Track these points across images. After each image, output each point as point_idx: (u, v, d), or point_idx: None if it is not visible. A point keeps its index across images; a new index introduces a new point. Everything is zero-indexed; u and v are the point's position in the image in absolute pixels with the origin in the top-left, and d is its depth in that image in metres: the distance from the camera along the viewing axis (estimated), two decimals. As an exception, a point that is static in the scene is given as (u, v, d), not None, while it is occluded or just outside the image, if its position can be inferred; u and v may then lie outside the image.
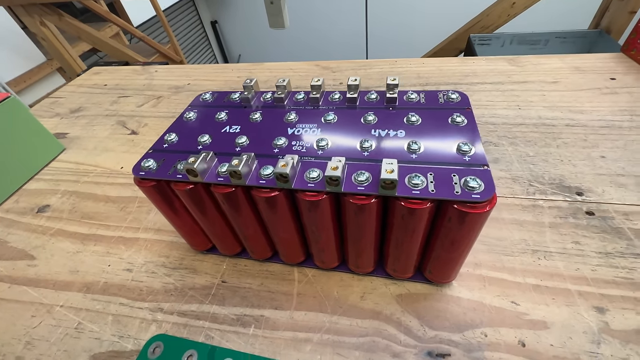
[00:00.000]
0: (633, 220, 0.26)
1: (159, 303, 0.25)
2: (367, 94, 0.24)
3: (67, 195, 0.36)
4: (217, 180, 0.19)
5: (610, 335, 0.20)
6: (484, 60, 0.48)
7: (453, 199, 0.16)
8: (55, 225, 0.33)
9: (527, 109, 0.38)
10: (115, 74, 0.62)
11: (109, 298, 0.26)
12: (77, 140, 0.45)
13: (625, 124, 0.34)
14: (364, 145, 0.19)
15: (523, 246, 0.25)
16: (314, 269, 0.26)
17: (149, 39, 1.73)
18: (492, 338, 0.21)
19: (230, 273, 0.27)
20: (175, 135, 0.23)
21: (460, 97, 0.22)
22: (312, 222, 0.20)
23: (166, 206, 0.23)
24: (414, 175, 0.17)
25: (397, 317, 0.22)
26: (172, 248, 0.29)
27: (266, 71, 0.55)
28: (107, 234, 0.31)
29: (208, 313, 0.24)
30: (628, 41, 0.44)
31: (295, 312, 0.23)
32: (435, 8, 1.84)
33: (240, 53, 3.20)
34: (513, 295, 0.22)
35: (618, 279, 0.22)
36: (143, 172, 0.20)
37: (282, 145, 0.21)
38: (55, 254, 0.30)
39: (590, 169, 0.30)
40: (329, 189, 0.17)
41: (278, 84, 0.25)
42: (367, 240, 0.20)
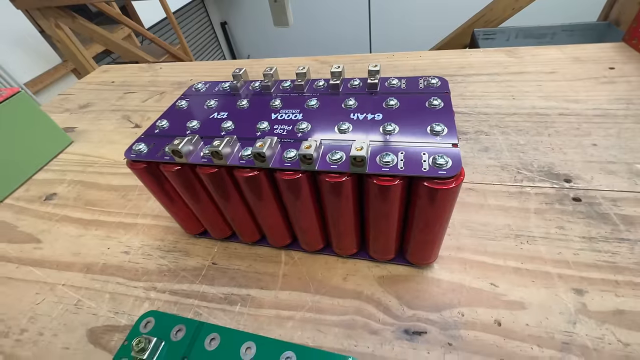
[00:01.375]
0: (621, 206, 0.25)
1: (153, 283, 0.26)
2: (350, 81, 0.25)
3: (72, 184, 0.38)
4: (201, 161, 0.20)
5: (586, 316, 0.20)
6: (482, 52, 0.48)
7: (420, 175, 0.17)
8: (60, 211, 0.35)
9: (521, 99, 0.38)
10: (123, 71, 0.64)
11: (106, 278, 0.27)
12: (84, 134, 0.47)
13: (621, 112, 0.34)
14: (341, 128, 0.20)
15: (506, 231, 0.25)
16: (300, 252, 0.27)
17: (159, 40, 1.78)
18: (469, 317, 0.21)
19: (221, 255, 0.28)
20: (167, 122, 0.24)
21: (440, 82, 0.23)
22: (292, 203, 0.21)
23: (158, 189, 0.24)
24: (384, 154, 0.17)
25: (377, 297, 0.23)
26: (168, 232, 0.30)
27: (265, 66, 0.56)
28: (108, 219, 0.33)
29: (198, 292, 0.25)
30: (630, 30, 0.43)
31: (280, 292, 0.24)
32: (440, 2, 1.83)
33: (249, 54, 3.24)
34: (493, 277, 0.23)
35: (600, 263, 0.22)
36: (134, 155, 0.22)
37: (264, 129, 0.22)
38: (60, 237, 0.32)
39: (581, 156, 0.30)
40: (303, 167, 0.18)
41: (265, 73, 0.26)
42: (346, 220, 0.21)
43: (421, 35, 1.34)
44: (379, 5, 1.62)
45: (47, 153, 0.43)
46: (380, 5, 1.69)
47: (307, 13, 2.36)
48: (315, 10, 2.32)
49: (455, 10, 1.20)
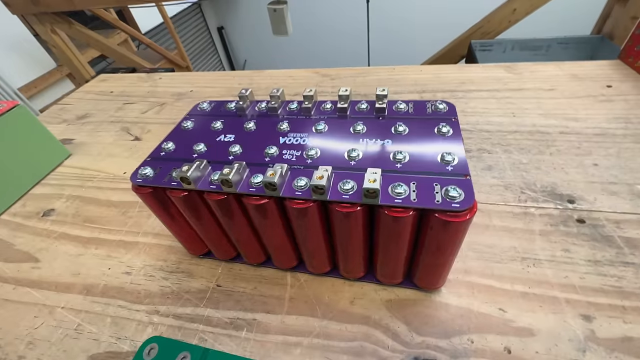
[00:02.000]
0: (624, 228, 0.26)
1: (156, 306, 0.26)
2: (358, 104, 0.25)
3: (71, 200, 0.38)
4: (210, 188, 0.20)
5: (595, 343, 0.20)
6: (481, 67, 0.48)
7: (434, 207, 0.16)
8: (59, 228, 0.34)
9: (522, 116, 0.38)
10: (122, 81, 0.64)
11: (108, 300, 0.27)
12: (82, 146, 0.47)
13: (620, 131, 0.34)
14: (351, 155, 0.20)
15: (512, 253, 0.25)
16: (306, 274, 0.26)
17: (156, 45, 1.77)
18: (479, 344, 0.21)
19: (225, 277, 0.27)
20: (172, 144, 0.24)
21: (447, 107, 0.23)
22: (301, 229, 0.21)
23: (163, 212, 0.24)
24: (397, 185, 0.17)
25: (385, 323, 0.23)
26: (170, 252, 0.30)
27: (267, 78, 0.56)
28: (108, 237, 0.32)
29: (202, 316, 0.25)
30: (625, 48, 0.44)
31: (287, 317, 0.24)
32: (437, 14, 1.86)
33: (246, 59, 3.24)
34: (501, 302, 0.23)
35: (606, 287, 0.22)
36: (140, 180, 0.21)
37: (273, 154, 0.21)
38: (58, 257, 0.31)
39: (583, 176, 0.30)
40: (315, 197, 0.18)
41: (272, 94, 0.26)
42: (355, 246, 0.21)
43: (420, 45, 1.36)
44: (377, 15, 1.65)
45: (44, 166, 0.42)
46: (379, 15, 1.71)
47: (305, 22, 2.38)
48: (314, 19, 2.34)
49: (453, 21, 1.22)
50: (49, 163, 0.43)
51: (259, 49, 3.09)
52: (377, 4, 1.55)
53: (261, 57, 3.15)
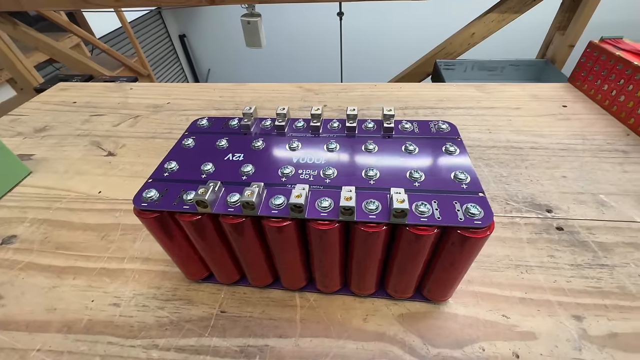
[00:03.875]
0: (595, 234, 0.29)
1: (153, 339, 0.24)
2: (365, 123, 0.25)
3: (36, 224, 0.33)
4: (227, 211, 0.19)
5: (588, 341, 0.22)
6: (455, 86, 0.52)
7: (457, 225, 0.17)
8: (24, 258, 0.30)
9: (496, 132, 0.42)
10: (85, 90, 0.59)
11: (95, 337, 0.24)
12: (45, 163, 0.42)
13: (579, 146, 0.39)
14: (369, 174, 0.21)
15: (507, 262, 0.27)
16: (315, 294, 0.26)
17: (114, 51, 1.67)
18: (490, 352, 0.22)
19: (229, 302, 0.26)
20: (176, 164, 0.23)
21: (449, 127, 0.25)
22: (321, 250, 0.21)
23: (166, 236, 0.22)
24: (420, 203, 0.18)
25: (400, 337, 0.23)
26: (164, 278, 0.28)
27: (249, 91, 0.56)
28: (87, 265, 0.29)
29: (208, 347, 0.23)
30: (573, 74, 0.51)
31: (301, 339, 0.23)
32: (405, 34, 2.01)
33: (209, 68, 3.16)
34: (503, 308, 0.24)
35: (589, 289, 0.25)
36: (145, 204, 0.20)
37: (289, 174, 0.21)
38: (27, 291, 0.28)
39: (555, 187, 0.34)
40: (342, 217, 0.18)
41: (278, 112, 0.26)
42: (373, 264, 0.21)
43: (388, 62, 1.44)
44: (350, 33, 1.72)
45: (0, 186, 0.37)
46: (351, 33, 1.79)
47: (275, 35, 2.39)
48: (285, 32, 2.36)
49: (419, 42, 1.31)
50: (5, 182, 0.38)
51: (223, 58, 3.03)
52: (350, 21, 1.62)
53: (226, 67, 3.09)
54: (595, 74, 0.47)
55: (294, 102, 0.51)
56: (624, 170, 0.35)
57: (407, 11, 1.97)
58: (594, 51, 0.47)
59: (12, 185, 0.38)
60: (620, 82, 0.42)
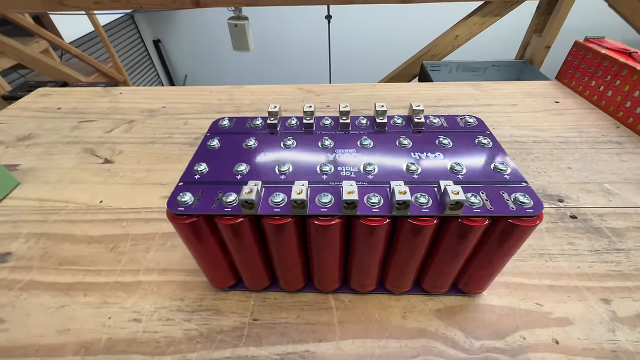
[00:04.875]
0: (607, 220, 0.30)
1: (184, 354, 0.22)
2: (393, 119, 0.25)
3: (33, 239, 0.31)
4: (274, 212, 0.18)
5: (620, 322, 0.23)
6: (453, 85, 0.54)
7: (510, 214, 0.18)
8: (23, 276, 0.28)
9: (499, 128, 0.43)
10: (70, 96, 0.55)
11: (118, 357, 0.22)
12: (33, 173, 0.39)
13: (577, 139, 0.41)
14: (411, 168, 0.20)
15: (531, 251, 0.28)
16: (349, 294, 0.25)
17: (87, 56, 1.59)
18: (530, 340, 0.22)
19: (261, 309, 0.25)
20: (206, 165, 0.21)
21: (477, 121, 0.25)
22: (365, 248, 0.20)
23: (199, 242, 0.21)
24: (470, 195, 0.18)
25: (442, 332, 0.23)
26: (186, 289, 0.26)
27: (247, 93, 0.54)
28: (98, 280, 0.27)
29: (246, 357, 0.22)
30: (561, 72, 0.54)
31: (342, 342, 0.23)
32: (391, 37, 2.06)
33: (186, 74, 3.09)
34: (536, 297, 0.25)
35: (611, 272, 0.26)
36: (182, 208, 0.19)
37: (328, 172, 0.21)
38: (32, 312, 0.25)
39: (563, 179, 0.35)
40: (395, 213, 0.18)
41: (306, 110, 0.25)
42: (417, 259, 0.21)
43: (376, 64, 1.48)
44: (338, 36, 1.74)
45: (-15, 200, 0.34)
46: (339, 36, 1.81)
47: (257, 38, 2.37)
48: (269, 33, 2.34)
49: (405, 45, 1.34)
50: (-9, 196, 0.35)
51: (200, 64, 2.97)
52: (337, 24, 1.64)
53: (203, 73, 3.02)
54: (582, 71, 0.49)
55: (294, 104, 0.51)
56: (622, 160, 0.37)
57: (394, 14, 2.02)
58: (580, 50, 0.50)
59: (0, 198, 0.35)
60: (607, 78, 0.45)
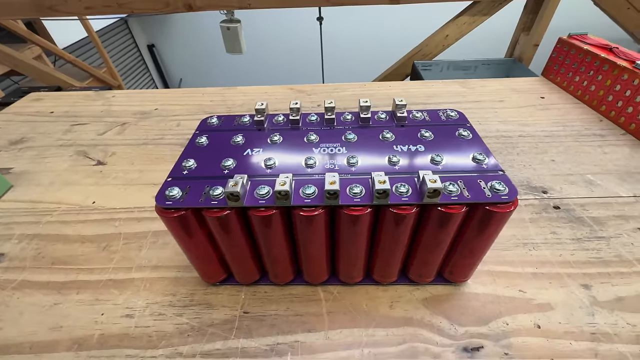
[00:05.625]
0: (589, 210, 0.31)
1: (176, 347, 0.23)
2: (377, 114, 0.26)
3: (26, 240, 0.31)
4: (259, 203, 0.19)
5: (599, 307, 0.24)
6: (441, 83, 0.55)
7: (486, 201, 0.18)
8: (16, 276, 0.28)
9: (486, 124, 0.44)
10: (62, 100, 0.56)
11: (110, 352, 0.23)
12: (26, 176, 0.39)
13: (561, 132, 0.42)
14: (393, 160, 0.21)
15: (514, 241, 0.29)
16: (337, 286, 0.26)
17: (81, 62, 1.59)
18: (513, 325, 0.23)
19: (251, 302, 0.25)
20: (194, 161, 0.22)
21: (458, 114, 0.26)
22: (349, 238, 0.21)
23: (187, 236, 0.21)
24: (448, 184, 0.19)
25: (427, 320, 0.24)
26: (178, 284, 0.27)
27: (239, 94, 0.55)
28: (91, 278, 0.27)
29: (236, 349, 0.22)
30: (546, 68, 0.55)
31: (330, 332, 0.23)
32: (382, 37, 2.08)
33: (181, 77, 3.09)
34: (519, 284, 0.25)
35: (592, 259, 0.27)
36: (170, 202, 0.19)
37: (312, 165, 0.21)
38: (25, 310, 0.25)
39: (547, 171, 0.36)
40: (376, 202, 0.18)
41: (292, 107, 0.26)
42: (401, 248, 0.22)
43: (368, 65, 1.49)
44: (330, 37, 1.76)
45: (-23, 203, 0.34)
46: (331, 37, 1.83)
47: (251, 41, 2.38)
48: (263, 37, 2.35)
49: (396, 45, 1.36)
50: (-17, 198, 0.35)
51: (194, 67, 2.97)
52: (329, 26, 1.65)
53: (198, 76, 3.03)
54: (566, 67, 0.51)
55: (286, 104, 0.51)
56: (604, 152, 0.38)
57: (385, 15, 2.04)
58: (563, 46, 0.51)
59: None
60: (590, 74, 0.46)
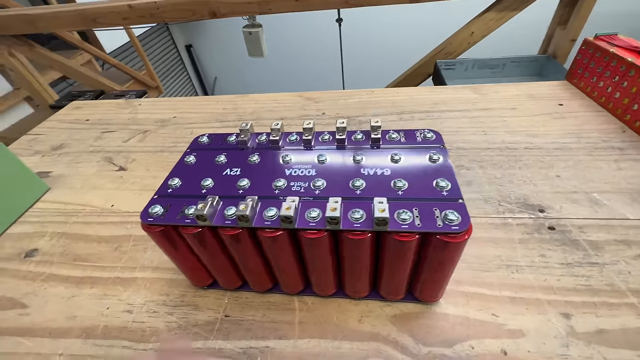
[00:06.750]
0: (587, 232, 0.30)
1: (164, 343, 0.26)
2: (354, 134, 0.27)
3: (56, 238, 0.36)
4: (225, 224, 0.21)
5: (576, 338, 0.23)
6: (451, 89, 0.53)
7: (436, 231, 0.19)
8: (46, 269, 0.33)
9: (491, 134, 0.43)
10: (97, 108, 0.62)
11: (110, 342, 0.26)
12: (61, 179, 0.45)
13: (574, 145, 0.39)
14: (356, 184, 0.22)
15: (498, 262, 0.28)
16: (313, 297, 0.27)
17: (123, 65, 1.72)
18: (479, 349, 0.23)
19: (233, 306, 0.28)
20: (178, 180, 0.25)
21: (434, 135, 0.26)
22: (313, 257, 0.22)
23: (172, 248, 0.24)
24: (401, 211, 0.19)
25: (393, 337, 0.24)
26: (172, 285, 0.30)
27: (251, 102, 0.58)
28: (102, 275, 0.31)
29: (214, 349, 0.25)
30: (570, 71, 0.51)
31: (299, 341, 0.25)
32: (404, 36, 2.02)
33: (216, 76, 3.22)
34: (493, 308, 0.25)
35: (579, 287, 0.26)
36: (151, 219, 0.22)
37: (281, 187, 0.23)
38: (49, 300, 0.30)
39: (549, 187, 0.34)
40: (329, 227, 0.19)
41: (273, 128, 0.27)
42: (363, 269, 0.23)
43: (389, 64, 1.46)
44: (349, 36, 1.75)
45: (21, 203, 0.40)
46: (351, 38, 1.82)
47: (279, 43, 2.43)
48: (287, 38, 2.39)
49: (419, 43, 1.31)
50: (26, 199, 0.41)
51: (229, 67, 3.09)
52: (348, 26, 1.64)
53: (232, 75, 3.14)
54: (591, 71, 0.47)
55: (293, 111, 0.53)
56: (619, 168, 0.35)
57: (406, 13, 1.98)
58: (589, 48, 0.47)
59: (33, 202, 0.41)
60: (615, 79, 0.42)
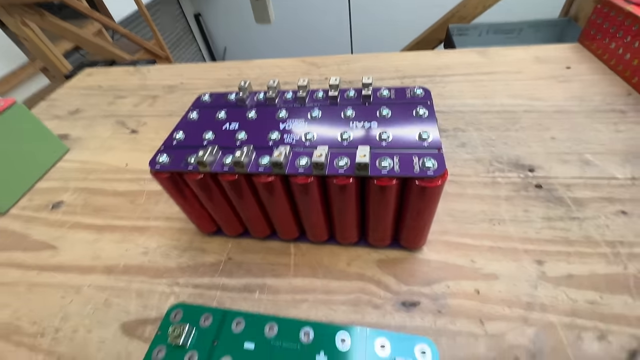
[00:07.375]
0: (573, 190, 0.31)
1: (175, 278, 0.29)
2: (346, 92, 0.28)
3: (77, 192, 0.40)
4: (223, 170, 0.23)
5: (545, 281, 0.25)
6: (457, 52, 0.52)
7: (413, 175, 0.20)
8: (71, 219, 0.36)
9: (492, 97, 0.43)
10: (108, 75, 0.64)
11: (130, 277, 0.30)
12: (79, 141, 0.48)
13: (575, 108, 0.39)
14: (344, 136, 0.24)
15: (482, 216, 0.30)
16: (307, 244, 0.30)
17: (133, 35, 1.72)
18: (454, 289, 0.25)
19: (235, 251, 0.31)
20: (182, 133, 0.27)
21: (423, 92, 0.27)
22: (304, 203, 0.24)
23: (178, 194, 0.26)
24: (383, 159, 0.21)
25: (377, 278, 0.27)
26: (182, 233, 0.33)
27: (255, 68, 0.58)
28: (120, 224, 0.35)
29: (219, 284, 0.28)
30: (583, 33, 0.49)
31: (293, 279, 0.28)
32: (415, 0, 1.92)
33: (225, 45, 3.17)
34: (472, 255, 0.27)
35: (556, 238, 0.27)
36: (158, 166, 0.24)
37: (275, 139, 0.25)
38: (76, 243, 0.34)
39: (543, 149, 0.35)
40: (315, 173, 0.21)
41: (269, 85, 0.29)
42: (350, 215, 0.25)
43: (400, 30, 1.40)
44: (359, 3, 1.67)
45: (45, 162, 0.44)
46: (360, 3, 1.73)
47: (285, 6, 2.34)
48: (295, 5, 2.31)
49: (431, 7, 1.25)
50: (49, 158, 0.44)
51: (238, 36, 3.02)
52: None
53: (241, 44, 3.08)
54: (604, 32, 0.45)
55: (296, 76, 0.54)
56: (618, 130, 0.35)
57: None
58: (604, 7, 0.45)
59: (55, 161, 0.45)
60: (627, 39, 0.41)
